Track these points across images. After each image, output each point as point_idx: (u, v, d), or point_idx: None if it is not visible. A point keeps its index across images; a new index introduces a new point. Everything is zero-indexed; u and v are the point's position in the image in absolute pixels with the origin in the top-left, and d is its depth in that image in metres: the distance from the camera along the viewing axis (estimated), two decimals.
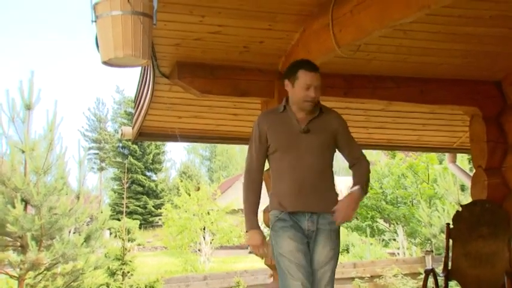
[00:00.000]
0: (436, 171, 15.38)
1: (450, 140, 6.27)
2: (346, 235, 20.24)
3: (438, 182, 12.91)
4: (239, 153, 56.81)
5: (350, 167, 3.27)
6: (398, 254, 16.15)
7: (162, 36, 3.88)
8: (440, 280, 4.81)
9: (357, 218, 21.13)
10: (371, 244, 18.37)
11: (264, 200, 3.33)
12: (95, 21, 2.98)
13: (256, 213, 3.20)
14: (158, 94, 4.70)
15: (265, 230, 3.56)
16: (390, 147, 6.29)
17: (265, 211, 3.69)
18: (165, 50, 4.09)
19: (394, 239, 18.98)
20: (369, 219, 20.35)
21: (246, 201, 3.20)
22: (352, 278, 11.39)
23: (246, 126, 5.65)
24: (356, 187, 3.10)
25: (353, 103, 5.11)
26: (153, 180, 39.85)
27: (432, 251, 11.79)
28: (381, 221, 20.68)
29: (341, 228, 3.28)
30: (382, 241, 21.02)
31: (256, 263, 20.92)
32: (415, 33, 4.25)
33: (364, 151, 3.44)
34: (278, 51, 4.35)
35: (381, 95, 4.84)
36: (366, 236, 19.18)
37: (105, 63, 3.11)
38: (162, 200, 36.33)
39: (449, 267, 4.79)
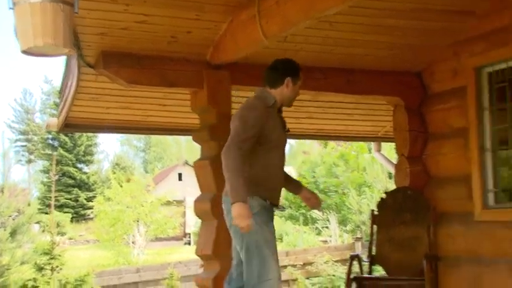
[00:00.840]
0: (366, 160, 15.81)
1: (375, 129, 6.47)
2: (280, 224, 20.48)
3: (367, 170, 13.29)
4: (174, 144, 56.32)
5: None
6: (330, 241, 16.53)
7: (86, 25, 3.79)
8: (366, 265, 4.98)
9: (290, 207, 21.46)
10: (304, 232, 18.68)
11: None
12: (12, 9, 2.88)
13: (246, 185, 3.13)
14: (84, 84, 4.59)
15: None
16: (319, 136, 6.42)
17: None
18: (90, 39, 4.01)
19: (327, 227, 19.39)
20: (302, 208, 20.71)
21: (236, 175, 3.12)
22: (285, 266, 11.56)
23: (175, 117, 5.62)
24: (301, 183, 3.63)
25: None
26: (85, 173, 38.94)
27: (362, 238, 12.15)
28: (314, 210, 21.06)
29: (275, 217, 3.49)
30: (316, 229, 21.40)
31: (191, 254, 20.85)
32: (341, 25, 4.36)
33: (295, 141, 3.60)
34: (206, 41, 4.35)
35: (309, 86, 4.90)
36: (300, 225, 19.50)
37: (24, 52, 3.01)
38: (94, 192, 35.55)
39: (374, 253, 4.97)
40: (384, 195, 5.26)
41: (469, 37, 4.71)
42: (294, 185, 3.64)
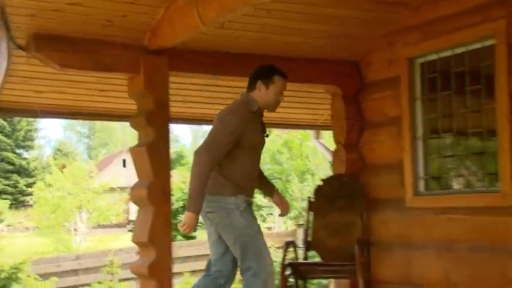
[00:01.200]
0: (309, 148, 16.00)
1: (314, 117, 6.55)
2: None
3: (310, 158, 13.46)
4: (120, 130, 55.38)
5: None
6: (274, 228, 16.70)
7: (15, 6, 3.68)
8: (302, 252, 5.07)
9: None
10: None
11: None
12: None
13: (202, 201, 3.40)
14: (15, 67, 4.45)
15: None
16: None
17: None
18: (20, 20, 3.88)
19: (271, 214, 19.57)
20: None
21: (199, 186, 3.36)
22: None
23: (114, 102, 5.53)
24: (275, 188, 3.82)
25: (222, 80, 5.17)
26: (25, 158, 37.86)
27: (303, 224, 12.32)
28: (260, 197, 21.20)
29: None
30: (261, 216, 21.56)
31: None
32: (278, 13, 4.39)
33: None
34: (143, 26, 4.29)
35: (248, 73, 4.94)
36: None
37: None
38: (34, 178, 34.62)
39: (310, 239, 5.06)
40: (320, 183, 5.35)
41: (402, 28, 4.83)
42: (269, 189, 3.85)
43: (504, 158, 4.10)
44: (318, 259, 5.27)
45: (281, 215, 3.87)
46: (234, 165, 3.49)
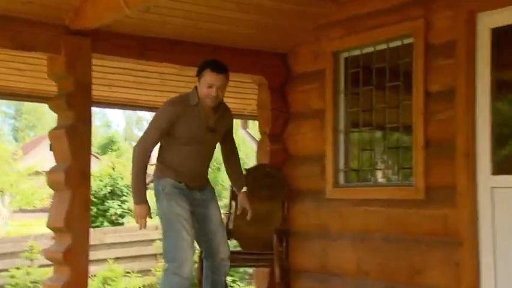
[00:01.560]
0: (239, 137, 16.03)
1: (242, 106, 6.60)
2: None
3: (240, 147, 13.49)
4: (48, 113, 53.64)
5: (225, 159, 3.84)
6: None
7: None
8: None
9: None
10: None
11: None
12: None
13: (145, 187, 3.55)
14: None
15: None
16: None
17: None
18: None
19: None
20: None
21: (138, 177, 3.51)
22: (153, 240, 11.55)
23: (33, 83, 5.37)
24: (243, 189, 3.87)
25: (149, 66, 5.12)
26: None
27: (230, 213, 12.39)
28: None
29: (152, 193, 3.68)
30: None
31: None
32: (205, 0, 4.38)
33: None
34: (65, 5, 4.19)
35: (175, 59, 4.92)
36: None
37: None
38: None
39: (231, 227, 5.10)
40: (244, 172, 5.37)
41: (329, 22, 4.93)
42: (236, 186, 3.94)
43: (418, 154, 4.27)
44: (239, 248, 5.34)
45: (242, 215, 3.94)
46: (169, 153, 3.59)
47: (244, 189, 3.90)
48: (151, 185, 3.75)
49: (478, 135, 3.94)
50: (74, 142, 4.34)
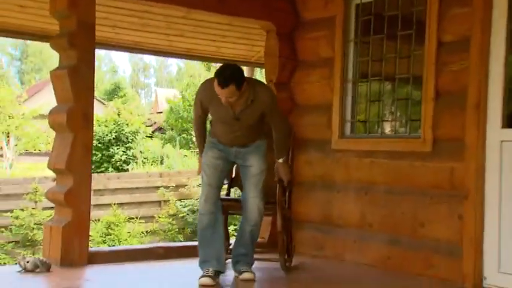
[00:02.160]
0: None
1: (248, 53, 6.50)
2: (160, 147, 20.41)
3: None
4: (54, 55, 53.35)
5: (274, 133, 4.10)
6: None
7: None
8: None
9: (171, 129, 21.38)
10: (185, 156, 18.78)
11: None
12: None
13: (202, 146, 4.13)
14: None
15: None
16: (190, 56, 6.35)
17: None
18: None
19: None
20: (185, 132, 20.72)
21: (196, 140, 4.23)
22: (158, 187, 11.65)
23: (36, 20, 5.27)
24: (281, 159, 4.16)
25: (153, 7, 5.01)
26: None
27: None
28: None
29: (155, 140, 4.00)
30: (197, 153, 21.55)
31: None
32: None
33: (184, 63, 3.82)
34: None
35: (181, 1, 4.81)
36: (180, 148, 19.56)
37: None
38: None
39: (234, 175, 5.10)
40: None
41: None
42: (276, 155, 4.17)
43: (427, 105, 4.22)
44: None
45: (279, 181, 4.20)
46: (213, 122, 4.10)
47: (281, 160, 4.16)
48: None
49: (490, 88, 3.87)
50: (77, 83, 4.28)
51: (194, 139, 21.33)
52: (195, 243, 4.26)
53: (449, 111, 4.10)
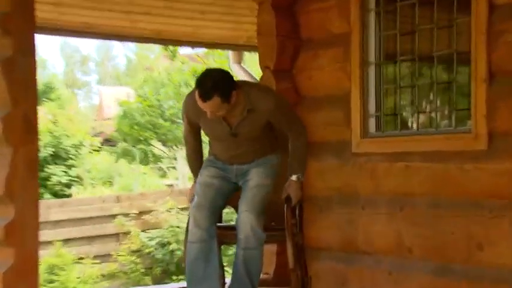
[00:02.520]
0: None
1: (236, 33, 6.48)
2: (111, 163, 20.31)
3: None
4: None
5: (290, 141, 4.26)
6: (177, 185, 16.72)
7: None
8: None
9: (125, 141, 21.27)
10: (144, 174, 18.71)
11: None
12: None
13: (196, 171, 4.31)
14: None
15: None
16: (159, 40, 6.30)
17: None
18: None
19: (174, 167, 19.55)
20: (142, 142, 20.60)
21: (189, 162, 4.46)
22: (114, 216, 11.56)
23: None
24: (294, 176, 4.23)
25: None
26: None
27: None
28: (158, 144, 21.10)
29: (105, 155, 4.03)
30: (159, 170, 21.53)
31: None
32: None
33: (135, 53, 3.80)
34: None
35: None
36: (137, 163, 19.47)
37: None
38: None
39: None
40: None
41: None
42: (289, 169, 4.27)
43: (478, 89, 4.22)
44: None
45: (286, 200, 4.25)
46: (209, 139, 4.32)
47: (294, 177, 4.22)
48: None
49: None
50: (14, 80, 4.19)
51: (156, 151, 21.03)
52: (179, 284, 4.27)
53: (508, 96, 4.09)
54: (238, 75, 6.97)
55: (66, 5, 5.43)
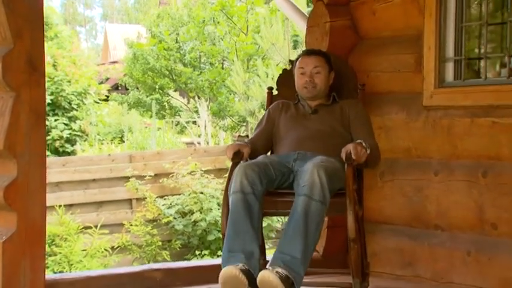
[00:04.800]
0: (260, 17, 15.88)
1: None
2: (121, 115, 20.43)
3: (262, 32, 13.38)
4: None
5: None
6: (199, 143, 16.78)
7: None
8: None
9: (137, 88, 21.36)
10: (159, 129, 18.83)
11: None
12: None
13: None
14: None
15: None
16: None
17: None
18: None
19: (194, 122, 19.62)
20: (157, 92, 20.69)
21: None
22: (127, 178, 11.61)
23: None
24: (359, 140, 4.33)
25: None
26: None
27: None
28: (175, 94, 21.16)
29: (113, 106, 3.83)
30: (177, 125, 21.66)
31: None
32: None
33: None
34: None
35: None
36: (151, 117, 19.58)
37: None
38: None
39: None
40: (288, 66, 5.30)
41: None
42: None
43: None
44: None
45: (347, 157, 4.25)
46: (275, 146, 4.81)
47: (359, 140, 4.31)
48: None
49: None
50: (16, 11, 4.21)
51: (174, 102, 21.10)
52: (213, 261, 4.27)
53: None
54: (284, 11, 6.91)
55: None
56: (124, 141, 17.51)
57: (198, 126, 18.12)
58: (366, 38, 5.32)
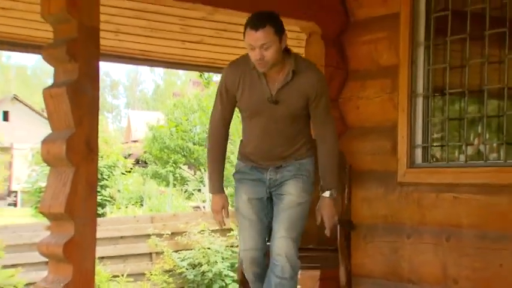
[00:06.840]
0: None
1: None
2: (141, 184, 20.40)
3: None
4: (1, 75, 53.51)
5: (317, 143, 3.95)
6: (204, 207, 16.70)
7: None
8: None
9: (155, 163, 21.38)
10: (172, 195, 18.73)
11: None
12: None
13: (220, 173, 3.91)
14: None
15: None
16: (209, 68, 6.30)
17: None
18: None
19: (199, 190, 19.56)
20: (171, 165, 20.69)
21: (209, 159, 3.96)
22: (148, 235, 11.55)
23: (21, 26, 5.26)
24: (327, 192, 3.92)
25: (168, 7, 5.00)
26: None
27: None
28: (185, 167, 21.16)
29: (136, 176, 3.84)
30: (185, 192, 21.57)
31: (18, 217, 20.03)
32: None
33: (163, 79, 3.69)
34: None
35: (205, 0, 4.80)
36: (167, 185, 19.52)
37: None
38: None
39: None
40: None
41: None
42: (322, 183, 3.97)
43: None
44: None
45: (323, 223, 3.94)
46: (243, 130, 3.95)
47: (327, 194, 3.93)
48: None
49: None
50: (78, 104, 4.23)
51: (183, 173, 20.99)
52: None
53: None
54: None
55: (124, 32, 5.47)
56: (143, 205, 17.45)
57: (203, 193, 18.10)
58: (351, 127, 5.28)
